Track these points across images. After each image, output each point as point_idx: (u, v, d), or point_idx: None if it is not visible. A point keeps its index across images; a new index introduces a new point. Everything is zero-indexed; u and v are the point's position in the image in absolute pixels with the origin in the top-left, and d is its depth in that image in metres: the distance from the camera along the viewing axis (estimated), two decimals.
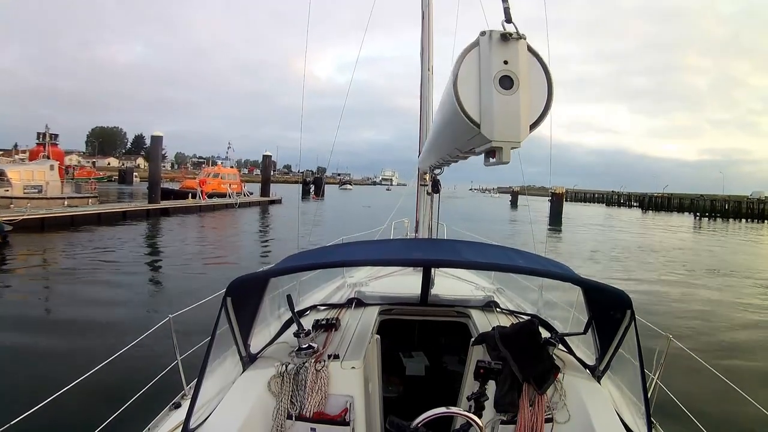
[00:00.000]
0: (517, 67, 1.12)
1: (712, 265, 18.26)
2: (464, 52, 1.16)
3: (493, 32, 1.13)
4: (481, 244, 3.18)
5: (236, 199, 35.13)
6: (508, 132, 1.13)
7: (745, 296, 12.94)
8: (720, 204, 59.20)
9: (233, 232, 24.38)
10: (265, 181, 44.93)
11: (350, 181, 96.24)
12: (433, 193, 4.02)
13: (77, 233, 18.87)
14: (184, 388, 2.80)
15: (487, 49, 1.13)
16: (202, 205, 31.67)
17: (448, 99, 1.20)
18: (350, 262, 3.26)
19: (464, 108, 1.13)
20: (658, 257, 20.04)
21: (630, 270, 16.33)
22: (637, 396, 2.25)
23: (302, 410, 2.08)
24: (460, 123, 1.17)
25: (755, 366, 7.30)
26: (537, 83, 1.17)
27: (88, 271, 12.55)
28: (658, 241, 26.91)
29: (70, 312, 8.89)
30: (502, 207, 55.62)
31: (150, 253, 16.25)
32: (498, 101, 1.11)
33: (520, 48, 1.13)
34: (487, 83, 1.11)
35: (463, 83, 1.13)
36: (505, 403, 2.04)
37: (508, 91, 1.11)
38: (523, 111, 1.13)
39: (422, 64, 5.41)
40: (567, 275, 2.25)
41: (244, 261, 15.13)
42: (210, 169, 42.72)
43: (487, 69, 1.12)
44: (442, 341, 3.68)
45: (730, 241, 30.98)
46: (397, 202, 8.11)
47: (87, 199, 25.58)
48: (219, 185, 37.31)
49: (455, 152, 1.77)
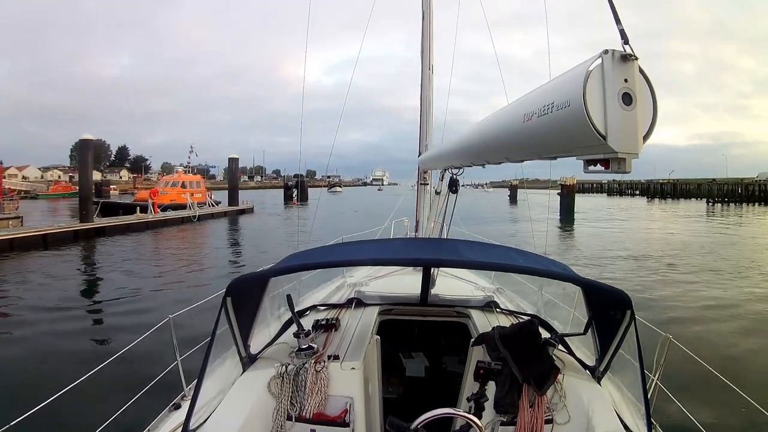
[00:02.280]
0: (634, 85, 1.25)
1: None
2: (586, 65, 1.27)
3: (615, 51, 1.26)
4: (482, 244, 3.18)
5: (195, 211, 29.04)
6: (629, 144, 1.27)
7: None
8: (731, 188, 55.52)
9: (181, 256, 17.62)
10: (232, 189, 38.27)
11: (340, 183, 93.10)
12: (450, 192, 3.99)
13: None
14: (184, 388, 2.80)
15: (611, 66, 1.25)
16: (150, 221, 25.70)
17: (568, 108, 1.31)
18: (350, 262, 3.26)
19: (592, 119, 1.24)
20: (722, 257, 16.40)
21: (723, 281, 12.69)
22: (637, 396, 2.25)
23: (302, 411, 2.08)
24: (584, 133, 1.28)
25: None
26: (647, 100, 1.31)
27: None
28: (697, 233, 24.05)
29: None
30: (500, 202, 52.20)
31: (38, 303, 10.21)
32: (621, 116, 1.24)
33: (635, 68, 1.27)
34: (612, 98, 1.24)
35: (589, 96, 1.24)
36: (505, 404, 2.04)
37: (628, 107, 1.24)
38: (639, 125, 1.28)
39: (422, 64, 5.42)
40: (567, 275, 2.25)
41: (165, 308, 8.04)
42: (169, 177, 37.92)
43: (612, 85, 1.24)
44: (442, 342, 3.68)
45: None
46: (396, 202, 8.12)
47: (8, 221, 19.83)
48: (178, 195, 31.81)
49: (533, 156, 1.85)
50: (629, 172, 1.33)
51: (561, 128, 1.38)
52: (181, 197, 31.41)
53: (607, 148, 1.27)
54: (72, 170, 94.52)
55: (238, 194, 38.18)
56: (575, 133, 1.32)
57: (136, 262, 15.97)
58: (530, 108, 1.54)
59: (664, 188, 67.80)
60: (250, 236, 24.31)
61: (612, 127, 1.24)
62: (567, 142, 1.43)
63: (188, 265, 15.56)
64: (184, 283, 12.68)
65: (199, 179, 38.53)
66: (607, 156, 1.32)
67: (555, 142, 1.51)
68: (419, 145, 5.48)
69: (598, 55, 1.26)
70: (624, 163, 1.30)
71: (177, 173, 37.63)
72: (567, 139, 1.41)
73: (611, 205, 51.42)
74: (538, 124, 1.49)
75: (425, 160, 4.93)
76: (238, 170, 43.74)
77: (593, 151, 1.36)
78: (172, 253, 18.69)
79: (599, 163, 1.38)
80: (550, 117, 1.41)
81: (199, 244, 22.02)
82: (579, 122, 1.26)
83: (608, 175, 1.39)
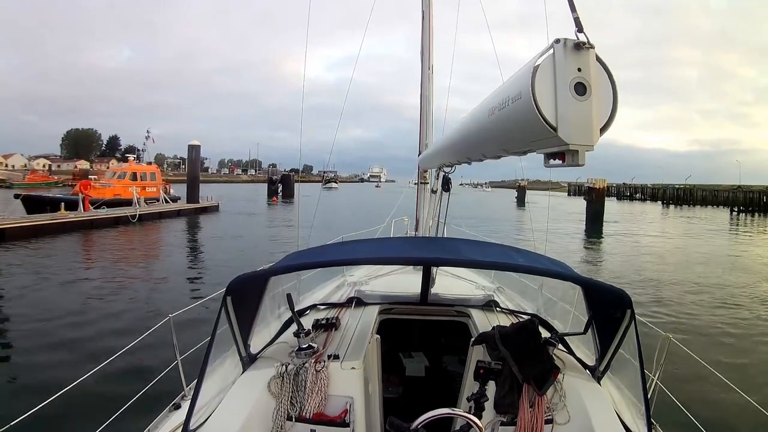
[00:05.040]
0: (588, 74, 1.20)
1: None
2: (537, 56, 1.22)
3: (567, 40, 1.20)
4: (482, 243, 3.18)
5: (135, 210, 23.28)
6: (583, 136, 1.21)
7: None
8: (755, 196, 48.63)
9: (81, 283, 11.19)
10: (192, 181, 31.03)
11: (336, 179, 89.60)
12: (443, 191, 4.00)
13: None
14: (184, 388, 2.80)
15: (562, 55, 1.20)
16: (70, 222, 19.55)
17: (520, 100, 1.26)
18: (350, 261, 3.26)
19: (542, 111, 1.19)
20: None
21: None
22: (637, 396, 2.25)
23: (302, 411, 2.08)
24: (534, 125, 1.22)
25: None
26: (605, 90, 1.25)
27: None
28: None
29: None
30: (506, 206, 46.07)
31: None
32: (574, 107, 1.19)
33: (591, 56, 1.21)
34: (563, 89, 1.19)
35: (539, 87, 1.19)
36: (505, 404, 2.04)
37: (581, 97, 1.19)
38: (594, 116, 1.22)
39: (422, 63, 5.41)
40: (567, 274, 2.25)
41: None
42: (117, 167, 32.08)
43: (563, 75, 1.19)
44: (442, 341, 3.68)
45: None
46: (396, 200, 8.11)
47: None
48: (125, 189, 25.98)
49: (501, 152, 1.82)
50: (582, 165, 1.28)
51: (516, 121, 1.35)
52: (127, 191, 25.52)
53: (559, 141, 1.22)
54: (59, 160, 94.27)
55: (199, 188, 31.29)
56: (528, 126, 1.28)
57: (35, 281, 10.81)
58: (492, 103, 1.52)
59: (678, 194, 62.42)
60: (195, 250, 17.43)
61: (563, 119, 1.19)
62: (522, 135, 1.39)
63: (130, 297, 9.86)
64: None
65: (155, 170, 31.09)
66: (561, 149, 1.28)
67: (513, 136, 1.48)
68: (419, 145, 5.48)
69: (549, 45, 1.22)
70: (577, 156, 1.25)
71: (128, 162, 30.87)
72: (522, 132, 1.37)
73: (628, 212, 45.70)
74: (498, 119, 1.46)
75: (424, 159, 4.93)
76: (199, 159, 36.14)
77: (546, 144, 1.32)
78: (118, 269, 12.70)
79: (557, 157, 1.34)
80: (506, 111, 1.38)
81: (149, 249, 16.69)
82: (530, 114, 1.22)
83: (568, 170, 1.35)
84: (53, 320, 8.05)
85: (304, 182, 41.05)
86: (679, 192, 63.56)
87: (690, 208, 53.05)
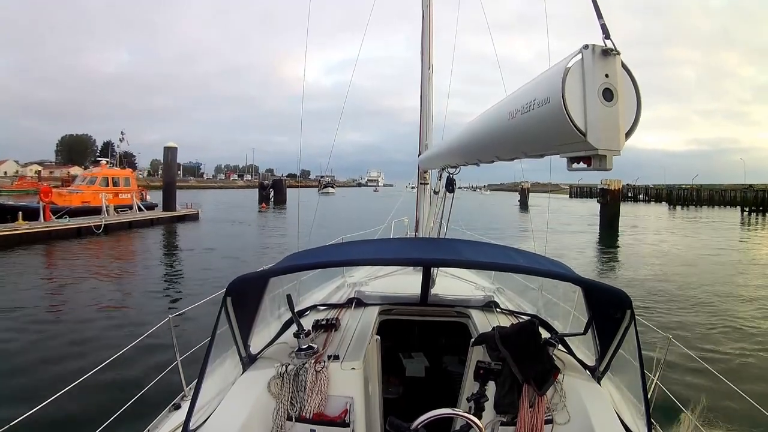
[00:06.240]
0: (615, 80, 1.22)
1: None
2: (565, 61, 1.24)
3: (595, 46, 1.23)
4: (482, 244, 3.18)
5: (101, 219, 20.81)
6: (610, 141, 1.24)
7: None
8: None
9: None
10: (167, 186, 28.85)
11: (333, 184, 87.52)
12: (447, 192, 3.99)
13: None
14: (184, 389, 2.80)
15: (591, 62, 1.22)
16: (26, 233, 17.27)
17: (548, 104, 1.28)
18: (350, 262, 3.26)
19: (571, 116, 1.21)
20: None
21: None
22: (637, 397, 2.25)
23: (302, 411, 2.08)
24: (563, 130, 1.25)
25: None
26: (629, 96, 1.28)
27: None
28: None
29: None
30: (509, 211, 43.04)
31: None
32: (602, 112, 1.21)
33: (617, 63, 1.24)
34: (592, 94, 1.21)
35: (568, 92, 1.22)
36: (505, 404, 2.04)
37: (609, 102, 1.21)
38: (621, 122, 1.24)
39: (422, 63, 5.42)
40: (567, 275, 2.25)
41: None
42: (87, 172, 29.00)
43: (592, 81, 1.21)
44: (442, 342, 3.68)
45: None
46: (395, 204, 8.12)
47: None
48: (94, 196, 23.89)
49: (519, 155, 1.83)
50: (610, 170, 1.31)
51: (542, 125, 1.37)
52: (97, 198, 23.47)
53: (588, 145, 1.24)
54: (53, 166, 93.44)
55: (176, 194, 28.77)
56: (555, 130, 1.30)
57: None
58: (514, 106, 1.53)
59: (685, 194, 60.91)
60: (164, 264, 14.96)
61: (592, 124, 1.22)
62: (548, 139, 1.41)
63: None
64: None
65: (129, 174, 28.72)
66: (588, 153, 1.30)
67: (537, 139, 1.50)
68: (419, 145, 5.49)
69: (578, 51, 1.24)
70: (605, 161, 1.28)
71: (100, 166, 28.18)
72: (548, 136, 1.39)
73: (634, 214, 42.81)
74: (521, 122, 1.47)
75: (424, 160, 4.93)
76: (176, 162, 33.87)
77: (574, 148, 1.34)
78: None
79: (582, 161, 1.36)
80: (531, 114, 1.39)
81: (103, 270, 13.06)
82: (559, 119, 1.24)
83: (592, 173, 1.36)
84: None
85: (301, 187, 38.74)
86: (685, 192, 62.51)
87: (697, 209, 52.24)
